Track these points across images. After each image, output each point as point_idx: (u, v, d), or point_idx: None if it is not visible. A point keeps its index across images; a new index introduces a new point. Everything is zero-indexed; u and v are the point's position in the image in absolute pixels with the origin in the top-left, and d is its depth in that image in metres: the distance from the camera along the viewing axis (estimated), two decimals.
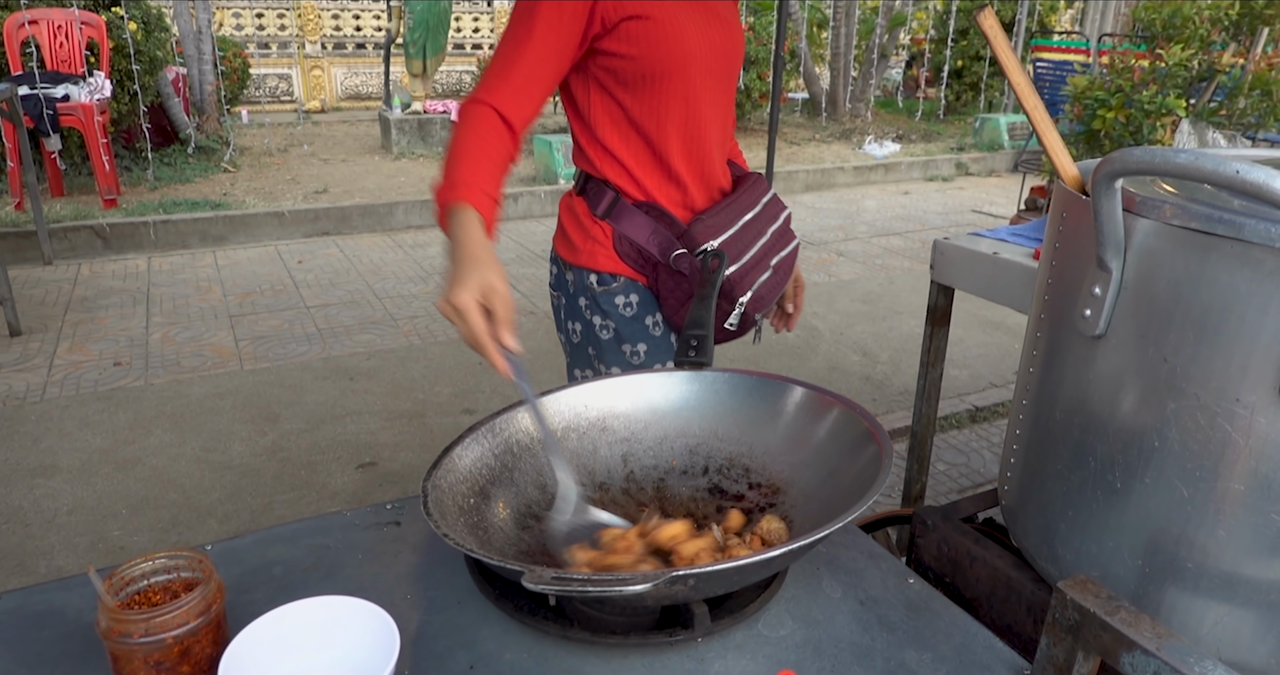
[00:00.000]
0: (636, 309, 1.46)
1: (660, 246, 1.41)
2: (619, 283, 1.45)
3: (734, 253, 1.40)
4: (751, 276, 1.43)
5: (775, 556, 0.79)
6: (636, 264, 1.44)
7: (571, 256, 1.48)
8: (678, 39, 1.33)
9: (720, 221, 1.42)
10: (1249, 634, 0.81)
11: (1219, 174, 0.68)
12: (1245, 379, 0.75)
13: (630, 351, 1.48)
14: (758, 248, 1.45)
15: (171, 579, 0.85)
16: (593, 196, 1.45)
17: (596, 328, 1.49)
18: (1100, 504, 0.89)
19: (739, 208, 1.46)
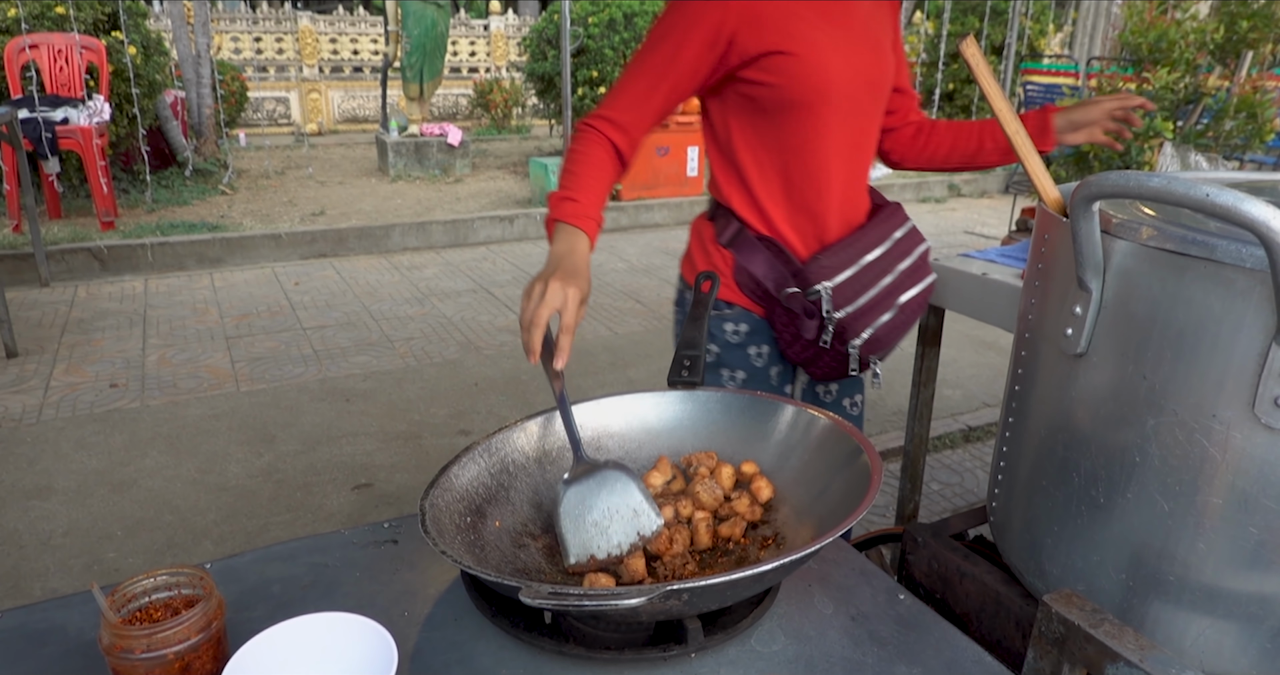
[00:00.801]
0: (743, 337, 1.48)
1: (775, 282, 1.41)
2: (732, 310, 1.47)
3: (848, 294, 1.37)
4: (868, 318, 1.39)
5: (767, 571, 0.81)
6: (753, 295, 1.45)
7: (691, 278, 1.51)
8: (820, 70, 1.33)
9: (838, 261, 1.39)
10: (1231, 645, 0.83)
11: (1189, 197, 0.71)
12: (1221, 395, 0.78)
13: (728, 376, 1.50)
14: (879, 288, 1.41)
15: (172, 596, 0.87)
16: (720, 224, 1.47)
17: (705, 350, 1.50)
18: (1084, 519, 0.91)
19: (863, 246, 1.42)
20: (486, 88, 11.92)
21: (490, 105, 11.87)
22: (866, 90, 1.41)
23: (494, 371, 3.91)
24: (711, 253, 1.48)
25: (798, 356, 1.47)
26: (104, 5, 6.43)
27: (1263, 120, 4.31)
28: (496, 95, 11.81)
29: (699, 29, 1.31)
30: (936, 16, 11.34)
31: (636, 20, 8.58)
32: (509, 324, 4.55)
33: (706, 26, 1.31)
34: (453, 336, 4.36)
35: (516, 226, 6.62)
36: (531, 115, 12.32)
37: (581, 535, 1.00)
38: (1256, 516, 0.78)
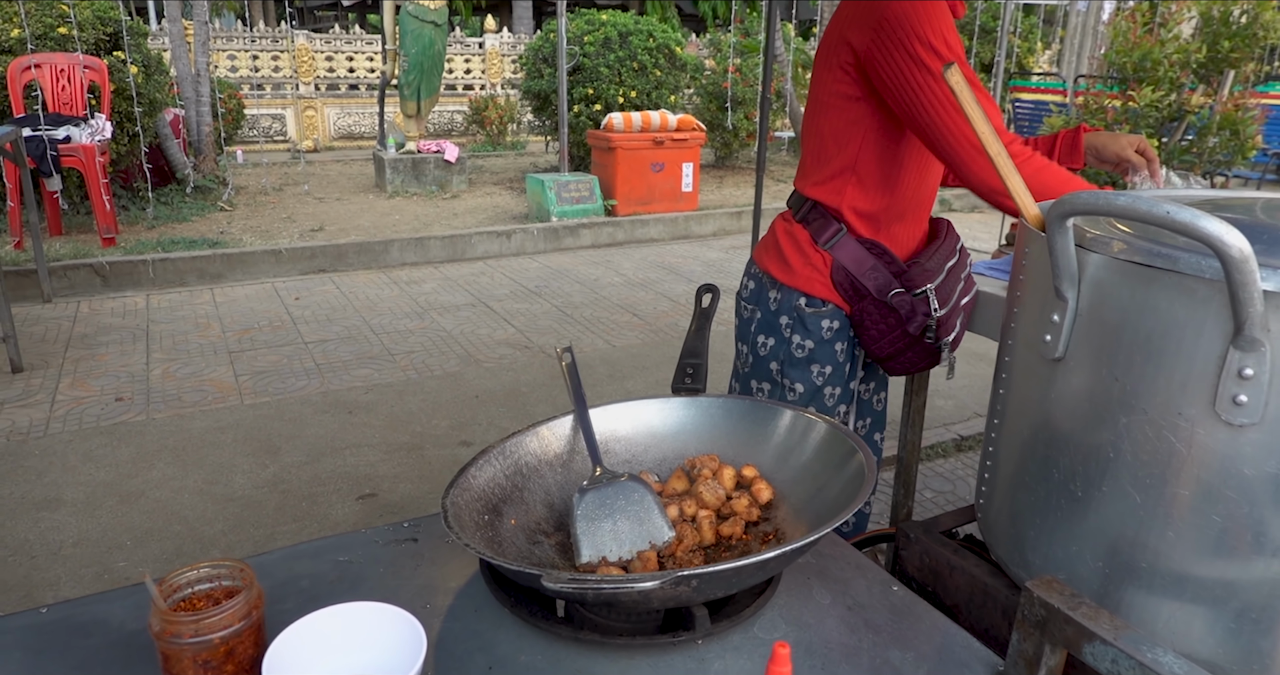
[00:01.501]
0: (834, 334, 1.59)
1: (878, 284, 1.53)
2: (827, 308, 1.58)
3: (944, 295, 1.52)
4: (953, 318, 1.55)
5: (770, 558, 0.87)
6: (846, 294, 1.56)
7: (785, 277, 1.60)
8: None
9: (935, 266, 1.54)
10: (1199, 627, 0.90)
11: (1152, 214, 0.78)
12: (1185, 395, 0.85)
13: (818, 371, 1.61)
14: (957, 291, 1.57)
15: (214, 587, 0.92)
16: (816, 227, 1.57)
17: (793, 346, 1.61)
18: (1064, 512, 0.98)
19: (945, 254, 1.58)
20: (482, 104, 12.04)
21: (485, 122, 11.98)
22: None
23: (494, 384, 3.97)
24: (809, 254, 1.58)
25: (885, 351, 1.58)
26: (106, 26, 6.51)
27: (1245, 137, 4.43)
28: (492, 112, 11.93)
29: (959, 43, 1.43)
30: None
31: (631, 39, 8.71)
32: (508, 337, 4.62)
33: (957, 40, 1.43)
34: (453, 350, 4.42)
35: (514, 242, 6.70)
36: (527, 131, 12.43)
37: (595, 538, 1.06)
38: (1219, 506, 0.85)
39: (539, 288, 5.65)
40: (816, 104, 1.56)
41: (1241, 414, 0.81)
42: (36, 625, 0.99)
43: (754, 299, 1.68)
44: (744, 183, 9.47)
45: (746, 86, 9.52)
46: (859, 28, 1.43)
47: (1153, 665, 0.77)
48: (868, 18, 1.42)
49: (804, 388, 1.62)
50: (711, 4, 21.44)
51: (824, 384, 1.62)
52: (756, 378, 1.70)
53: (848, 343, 1.61)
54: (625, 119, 7.46)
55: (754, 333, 1.68)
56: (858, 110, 1.50)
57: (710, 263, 6.51)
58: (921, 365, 1.59)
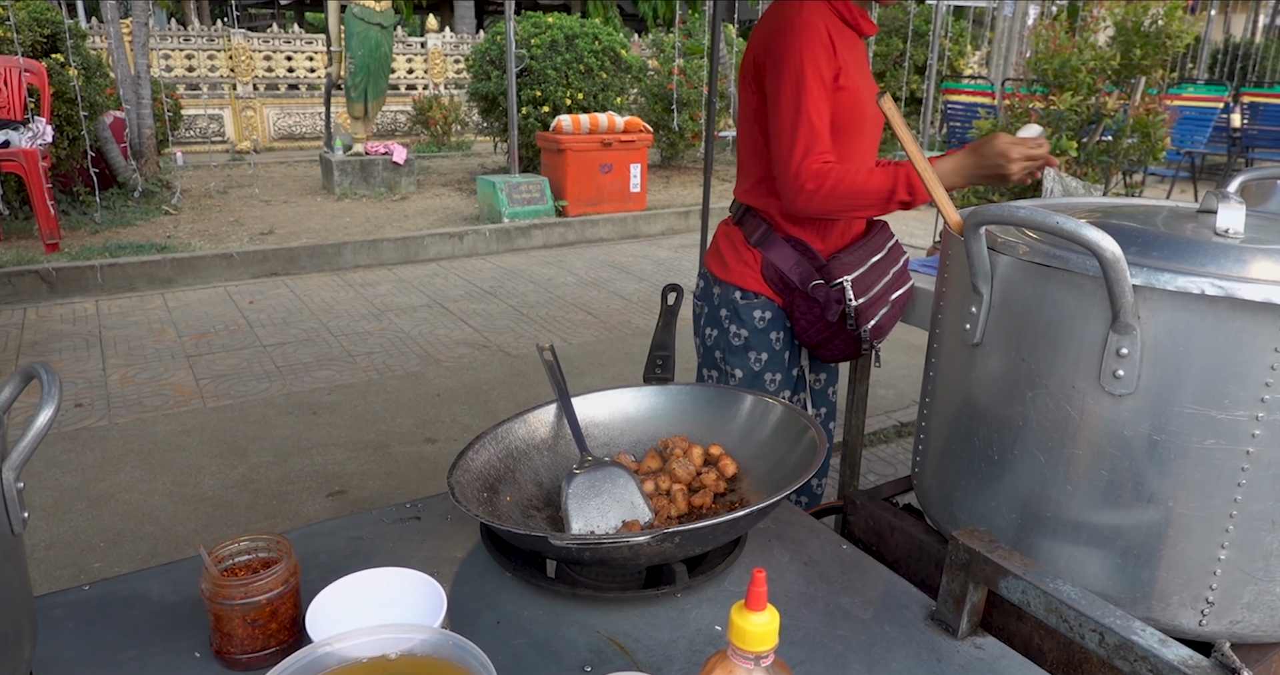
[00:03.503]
0: (767, 323, 1.77)
1: (801, 276, 1.70)
2: (759, 300, 1.76)
3: (861, 288, 1.69)
4: (874, 309, 1.71)
5: (740, 517, 1.03)
6: (776, 287, 1.74)
7: (723, 273, 1.79)
8: (859, 103, 1.65)
9: (854, 260, 1.71)
10: (1093, 565, 1.08)
11: (1046, 224, 0.96)
12: (1077, 371, 1.02)
13: (755, 358, 1.78)
14: (881, 285, 1.74)
15: (251, 558, 1.05)
16: (749, 227, 1.76)
17: (730, 335, 1.79)
18: (984, 474, 1.16)
19: (870, 249, 1.75)
20: (426, 105, 12.02)
21: (430, 122, 11.97)
22: (876, 123, 1.76)
23: (455, 382, 4.07)
24: (742, 252, 1.76)
25: (813, 339, 1.76)
26: (43, 27, 6.41)
27: (1155, 139, 4.75)
28: (436, 112, 11.92)
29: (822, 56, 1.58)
30: None
31: (577, 42, 8.82)
32: (466, 337, 4.71)
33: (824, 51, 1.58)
34: (412, 350, 4.51)
35: (466, 243, 6.78)
36: (473, 132, 12.45)
37: (584, 515, 1.20)
38: (1106, 463, 1.03)
39: (494, 288, 5.75)
40: (740, 120, 1.77)
41: (1120, 385, 0.99)
42: (82, 601, 1.10)
43: (703, 296, 1.88)
44: (690, 183, 9.67)
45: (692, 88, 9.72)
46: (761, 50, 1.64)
47: (1053, 593, 0.95)
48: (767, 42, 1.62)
49: (743, 373, 1.81)
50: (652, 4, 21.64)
51: (762, 370, 1.80)
52: (706, 366, 1.89)
53: (783, 332, 1.80)
54: (574, 121, 7.59)
55: (703, 326, 1.88)
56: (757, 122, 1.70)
57: (660, 261, 6.68)
58: (849, 352, 1.78)
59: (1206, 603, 1.03)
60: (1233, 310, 0.92)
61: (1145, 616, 1.06)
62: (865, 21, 1.69)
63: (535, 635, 1.04)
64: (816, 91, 1.57)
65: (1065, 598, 0.94)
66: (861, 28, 1.68)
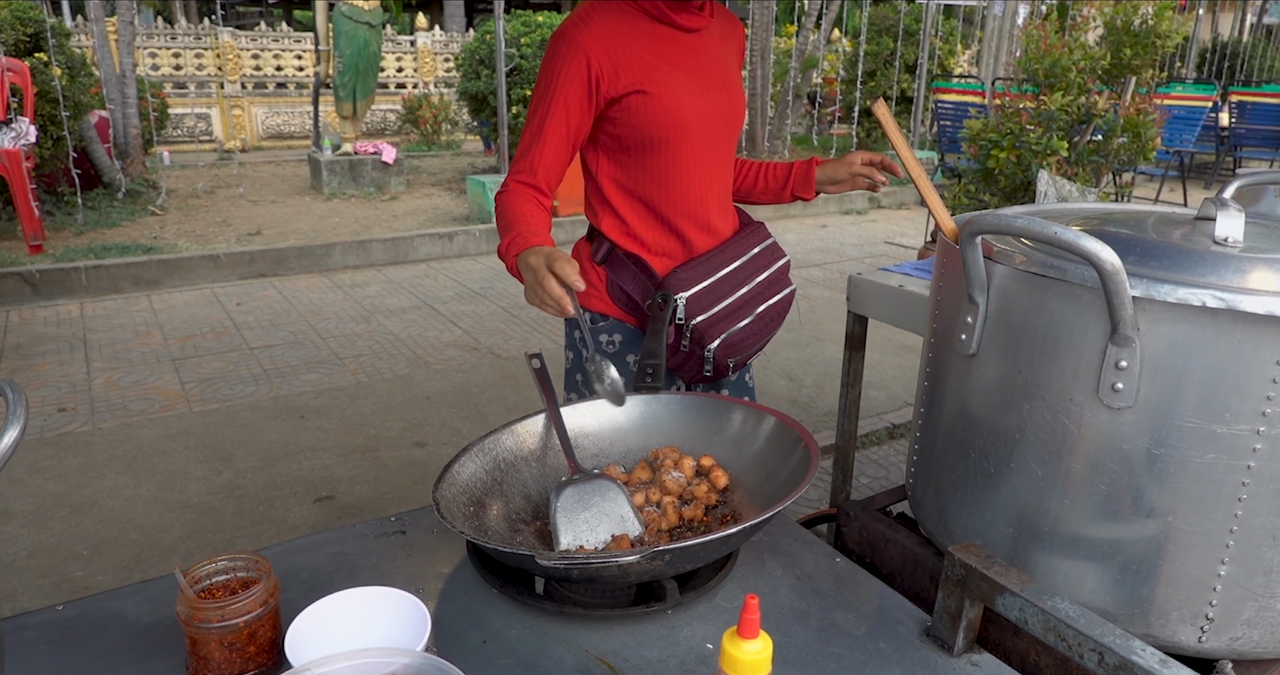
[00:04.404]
0: (619, 346, 1.64)
1: (641, 294, 1.58)
2: (607, 322, 1.63)
3: (704, 304, 1.54)
4: (723, 325, 1.56)
5: (731, 534, 1.00)
6: (626, 307, 1.61)
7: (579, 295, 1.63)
8: (674, 110, 1.50)
9: (695, 275, 1.56)
10: (1091, 580, 1.06)
11: (1043, 234, 0.94)
12: (1075, 383, 1.00)
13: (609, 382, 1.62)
14: (735, 298, 1.58)
15: (230, 578, 1.02)
16: (595, 244, 1.64)
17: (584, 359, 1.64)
18: (979, 487, 1.14)
19: (720, 261, 1.60)
20: (415, 103, 11.96)
21: (419, 121, 11.92)
22: (719, 126, 1.59)
23: (444, 385, 4.04)
24: (588, 270, 1.63)
25: (669, 363, 1.59)
26: (26, 26, 6.33)
27: (1146, 139, 4.75)
28: (425, 111, 11.87)
29: (574, 83, 1.46)
30: (854, 36, 11.85)
31: None
32: (455, 339, 4.68)
33: (578, 79, 1.46)
34: (401, 352, 4.47)
35: (456, 243, 6.74)
36: (463, 131, 12.39)
37: (574, 528, 1.17)
38: (1104, 477, 1.01)
39: (484, 289, 5.72)
40: None
41: (1119, 399, 0.97)
42: (56, 621, 1.07)
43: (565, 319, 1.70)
44: None
45: None
46: None
47: (1051, 611, 0.93)
48: None
49: None
50: None
51: None
52: (568, 389, 1.74)
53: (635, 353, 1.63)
54: None
55: (565, 348, 1.74)
56: None
57: None
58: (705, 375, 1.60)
59: (1206, 619, 1.02)
60: (1234, 322, 0.90)
61: (1144, 633, 1.04)
62: (687, 16, 1.52)
63: (522, 655, 1.01)
64: (560, 114, 1.47)
65: (1064, 616, 0.92)
66: (680, 23, 1.52)
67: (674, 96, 1.50)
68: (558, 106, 1.47)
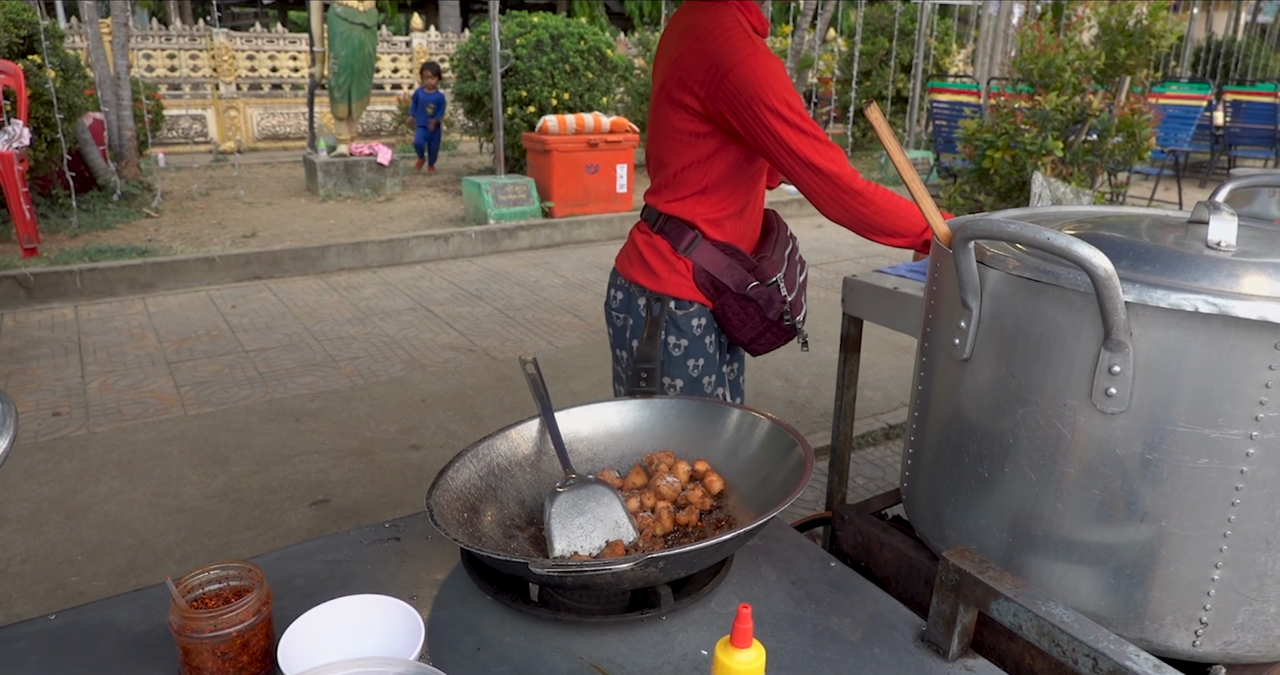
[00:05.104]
0: (703, 330, 1.78)
1: (735, 279, 1.73)
2: (694, 308, 1.76)
3: (789, 282, 1.77)
4: (801, 298, 1.80)
5: (725, 541, 1.00)
6: (708, 292, 1.75)
7: (653, 284, 1.77)
8: None
9: (779, 257, 1.77)
10: (1085, 584, 1.06)
11: (1036, 240, 0.94)
12: (1069, 388, 1.00)
13: (693, 365, 1.79)
14: (800, 277, 1.83)
15: (223, 587, 1.01)
16: (674, 236, 1.76)
17: (670, 346, 1.78)
18: (974, 491, 1.14)
19: (783, 244, 1.82)
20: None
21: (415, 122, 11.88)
22: None
23: (440, 388, 4.03)
24: (672, 261, 1.76)
25: (747, 337, 1.79)
26: (19, 28, 6.32)
27: (1140, 139, 4.76)
28: None
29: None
30: (849, 36, 11.86)
31: (563, 41, 8.78)
32: (452, 341, 4.68)
33: None
34: (397, 355, 4.46)
35: (452, 245, 6.73)
36: (459, 132, 12.38)
37: (568, 534, 1.17)
38: (1098, 481, 1.01)
39: (480, 291, 5.71)
40: (661, 135, 1.73)
41: (1113, 404, 0.97)
42: (48, 631, 1.06)
43: (624, 308, 1.83)
44: None
45: None
46: (702, 83, 1.61)
47: (1045, 616, 0.93)
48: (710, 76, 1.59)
49: (683, 382, 1.80)
50: (638, 3, 21.59)
51: (700, 375, 1.81)
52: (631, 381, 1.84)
53: (715, 334, 1.82)
54: (560, 121, 7.55)
55: (628, 338, 1.84)
56: (707, 145, 1.69)
57: None
58: (778, 343, 1.84)
59: (1200, 623, 1.02)
60: (1226, 327, 0.90)
61: (1139, 637, 1.04)
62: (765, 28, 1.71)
63: (517, 662, 1.01)
64: None
65: (1058, 621, 0.92)
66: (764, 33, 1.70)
67: None
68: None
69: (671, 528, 1.23)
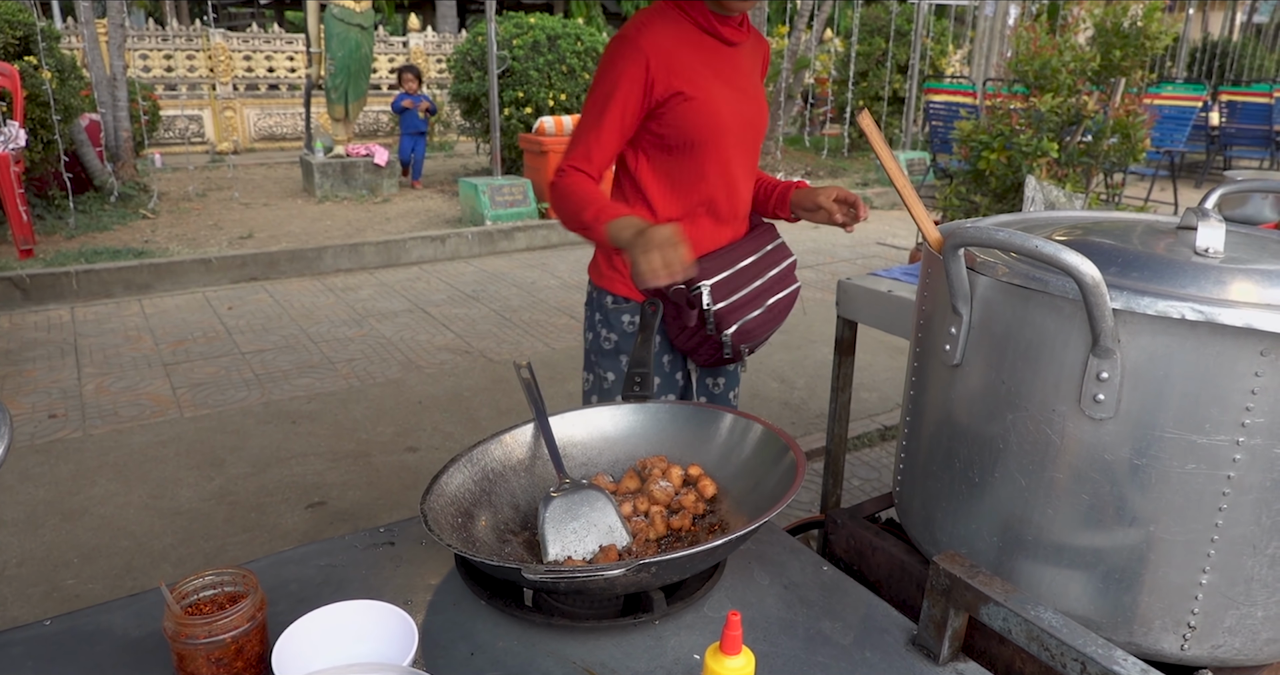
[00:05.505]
0: (635, 327, 1.77)
1: None
2: (629, 304, 1.76)
3: (725, 292, 1.69)
4: (739, 313, 1.70)
5: (717, 546, 1.01)
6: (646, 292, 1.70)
7: (598, 280, 1.80)
8: (714, 114, 1.64)
9: (717, 265, 1.70)
10: (1075, 588, 1.07)
11: (1024, 248, 0.94)
12: (1058, 394, 1.01)
13: (625, 361, 1.78)
14: (750, 289, 1.74)
15: (217, 593, 1.02)
16: None
17: (602, 338, 1.80)
18: (965, 496, 1.14)
19: (738, 254, 1.75)
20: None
21: None
22: (750, 131, 1.74)
23: (437, 389, 4.04)
24: (614, 257, 1.76)
25: (684, 345, 1.76)
26: (15, 29, 6.31)
27: (1135, 140, 4.77)
28: None
29: (632, 83, 1.59)
30: (846, 36, 11.87)
31: (559, 42, 8.78)
32: (448, 342, 4.68)
33: (637, 79, 1.59)
34: (393, 356, 4.46)
35: (448, 246, 6.73)
36: (456, 133, 12.38)
37: (561, 540, 1.18)
38: (1087, 486, 1.02)
39: (476, 292, 5.71)
40: None
41: (1101, 410, 0.98)
42: (43, 637, 1.07)
43: (586, 303, 1.89)
44: None
45: None
46: None
47: (1035, 620, 0.94)
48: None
49: (614, 376, 1.81)
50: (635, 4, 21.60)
51: None
52: (585, 369, 1.90)
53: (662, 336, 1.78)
54: (556, 122, 7.55)
55: (585, 330, 1.89)
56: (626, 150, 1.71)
57: None
58: (716, 356, 1.75)
59: (1188, 627, 1.03)
60: (1213, 334, 0.91)
61: (1127, 641, 1.05)
62: (730, 30, 1.65)
63: (510, 667, 1.02)
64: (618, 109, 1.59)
65: (1046, 626, 0.93)
66: (724, 36, 1.64)
67: (715, 102, 1.63)
68: (616, 103, 1.59)
69: (665, 532, 1.23)
